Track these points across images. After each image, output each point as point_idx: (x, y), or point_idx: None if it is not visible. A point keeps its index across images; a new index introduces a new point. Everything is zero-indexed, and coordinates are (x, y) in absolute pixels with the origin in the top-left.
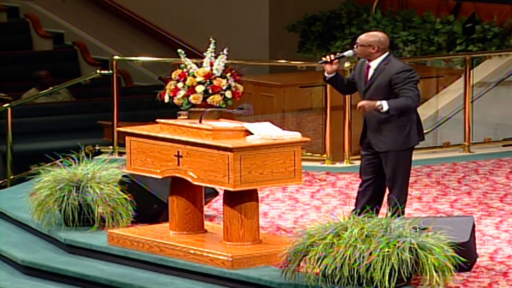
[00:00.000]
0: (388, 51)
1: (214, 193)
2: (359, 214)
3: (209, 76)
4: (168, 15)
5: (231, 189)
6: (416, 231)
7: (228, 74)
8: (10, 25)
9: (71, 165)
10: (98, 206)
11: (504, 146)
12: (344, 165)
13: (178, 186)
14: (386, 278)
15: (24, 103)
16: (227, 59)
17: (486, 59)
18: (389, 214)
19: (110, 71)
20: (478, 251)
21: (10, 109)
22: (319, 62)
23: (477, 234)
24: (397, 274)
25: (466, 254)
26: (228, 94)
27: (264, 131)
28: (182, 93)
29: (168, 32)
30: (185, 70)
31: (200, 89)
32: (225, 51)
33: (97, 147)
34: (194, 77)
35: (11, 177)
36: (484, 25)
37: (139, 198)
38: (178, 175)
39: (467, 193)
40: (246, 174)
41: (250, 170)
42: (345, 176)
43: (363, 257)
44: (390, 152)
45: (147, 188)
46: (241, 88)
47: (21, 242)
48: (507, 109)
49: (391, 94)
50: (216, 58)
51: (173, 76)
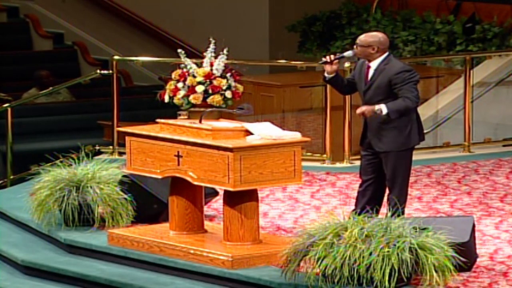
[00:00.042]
0: (388, 52)
1: (214, 193)
2: (359, 214)
3: (209, 76)
4: (168, 15)
5: (231, 189)
6: (416, 231)
7: (228, 74)
8: (10, 25)
9: (71, 165)
10: (98, 206)
11: (504, 146)
12: (344, 165)
13: (178, 186)
14: (386, 278)
15: (24, 103)
16: (227, 59)
17: (486, 59)
18: (389, 214)
19: (110, 71)
20: (478, 251)
21: (10, 109)
22: (319, 63)
23: (477, 234)
24: (397, 274)
25: (466, 254)
26: (228, 94)
27: (264, 131)
28: (182, 93)
29: (168, 32)
30: (185, 70)
31: (200, 89)
32: (225, 51)
33: (97, 147)
34: (194, 77)
35: (11, 177)
36: (484, 25)
37: (139, 198)
38: (178, 175)
39: (467, 193)
40: (246, 174)
41: (250, 170)
42: (345, 176)
43: (363, 257)
44: (390, 152)
45: (147, 188)
46: (241, 88)
47: (21, 242)
48: (507, 109)
49: (391, 94)
50: (216, 58)
51: (173, 76)
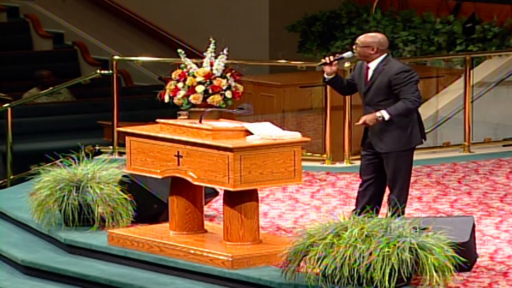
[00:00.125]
0: (386, 52)
1: (214, 193)
2: (359, 214)
3: (209, 76)
4: (168, 15)
5: (231, 189)
6: (416, 231)
7: (228, 74)
8: (10, 25)
9: (71, 165)
10: (98, 206)
11: (504, 146)
12: (344, 165)
13: (178, 186)
14: (386, 278)
15: (24, 103)
16: (227, 59)
17: (486, 59)
18: (389, 214)
19: (110, 71)
20: (478, 251)
21: (10, 109)
22: (318, 64)
23: (477, 234)
24: (397, 274)
25: (466, 254)
26: (228, 94)
27: (264, 131)
28: (182, 93)
29: (168, 32)
30: (185, 70)
31: (200, 89)
32: (225, 51)
33: (97, 147)
34: (194, 77)
35: (11, 177)
36: (484, 25)
37: (139, 198)
38: (178, 175)
39: (467, 193)
40: (246, 174)
41: (250, 170)
42: (345, 176)
43: (363, 257)
44: (391, 152)
45: (147, 188)
46: (241, 88)
47: (21, 242)
48: (507, 109)
49: (392, 95)
50: (216, 58)
51: (173, 76)
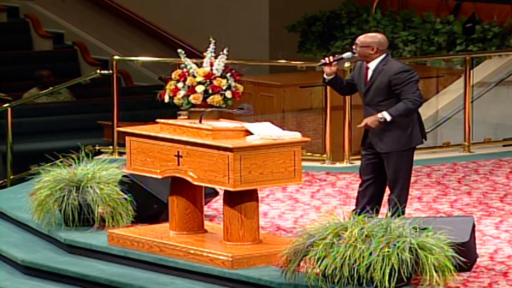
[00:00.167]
0: (386, 52)
1: (214, 193)
2: (359, 214)
3: (209, 76)
4: (168, 15)
5: (231, 189)
6: (416, 231)
7: (228, 74)
8: (10, 25)
9: (71, 165)
10: (98, 206)
11: (504, 146)
12: (344, 165)
13: (178, 186)
14: (386, 278)
15: (24, 103)
16: (227, 59)
17: (486, 59)
18: (389, 214)
19: (110, 71)
20: (478, 251)
21: (10, 109)
22: (318, 65)
23: (477, 234)
24: (397, 274)
25: (466, 254)
26: (228, 94)
27: (264, 131)
28: (182, 93)
29: (168, 32)
30: (185, 70)
31: (200, 89)
32: (225, 51)
33: (97, 147)
34: (194, 77)
35: (11, 177)
36: (484, 25)
37: (139, 198)
38: (178, 175)
39: (467, 193)
40: (246, 174)
41: (250, 170)
42: (345, 176)
43: (363, 257)
44: (392, 152)
45: (147, 188)
46: (241, 88)
47: (21, 242)
48: (507, 109)
49: (392, 95)
50: (216, 58)
51: (173, 76)
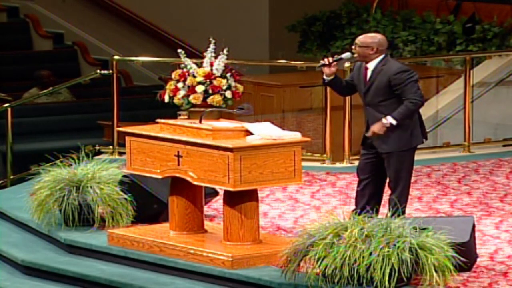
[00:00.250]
0: (385, 53)
1: (214, 193)
2: (359, 214)
3: (209, 76)
4: (168, 15)
5: (231, 189)
6: (416, 231)
7: (228, 74)
8: (10, 25)
9: (71, 165)
10: (98, 206)
11: (504, 146)
12: (344, 165)
13: (178, 186)
14: (386, 278)
15: (24, 103)
16: (227, 59)
17: (486, 59)
18: (389, 214)
19: (110, 71)
20: (478, 251)
21: (10, 109)
22: (317, 66)
23: (477, 234)
24: (397, 274)
25: (466, 254)
26: (228, 94)
27: (264, 131)
28: (182, 93)
29: (168, 32)
30: (185, 70)
31: (200, 89)
32: (225, 51)
33: (97, 147)
34: (194, 77)
35: (11, 177)
36: (484, 25)
37: (139, 198)
38: (178, 175)
39: (467, 193)
40: (246, 174)
41: (250, 170)
42: (345, 176)
43: (363, 257)
44: (393, 153)
45: (147, 188)
46: (241, 88)
47: (21, 242)
48: (507, 109)
49: (392, 94)
50: (216, 58)
51: (173, 76)
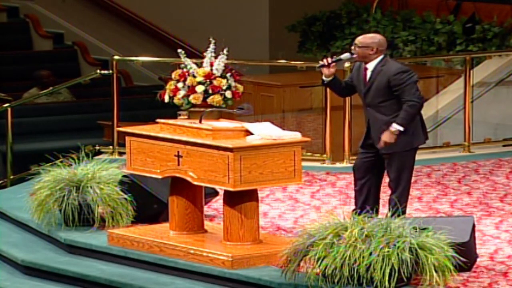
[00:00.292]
0: (385, 53)
1: (214, 193)
2: (359, 214)
3: (209, 76)
4: (168, 15)
5: (231, 189)
6: (416, 231)
7: (228, 74)
8: (10, 25)
9: (71, 165)
10: (98, 206)
11: (504, 146)
12: (344, 165)
13: (178, 186)
14: (386, 278)
15: (24, 103)
16: (227, 59)
17: (486, 59)
18: (389, 214)
19: (110, 71)
20: (478, 251)
21: (10, 109)
22: (317, 67)
23: (477, 234)
24: (397, 274)
25: (466, 254)
26: (228, 94)
27: (264, 131)
28: (182, 93)
29: (168, 32)
30: (185, 70)
31: (200, 89)
32: (225, 51)
33: (97, 147)
34: (194, 77)
35: (11, 177)
36: (484, 25)
37: (139, 198)
38: (178, 175)
39: (467, 193)
40: (246, 174)
41: (250, 170)
42: (345, 176)
43: (363, 257)
44: (394, 153)
45: (147, 188)
46: (241, 88)
47: (21, 242)
48: (507, 109)
49: (392, 95)
50: (216, 58)
51: (173, 76)
